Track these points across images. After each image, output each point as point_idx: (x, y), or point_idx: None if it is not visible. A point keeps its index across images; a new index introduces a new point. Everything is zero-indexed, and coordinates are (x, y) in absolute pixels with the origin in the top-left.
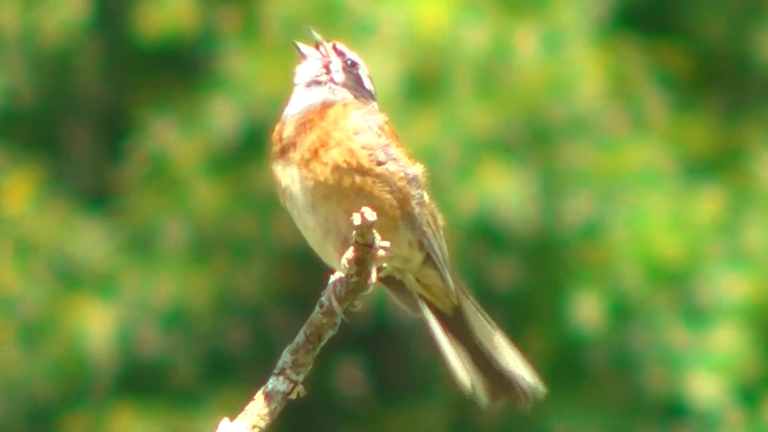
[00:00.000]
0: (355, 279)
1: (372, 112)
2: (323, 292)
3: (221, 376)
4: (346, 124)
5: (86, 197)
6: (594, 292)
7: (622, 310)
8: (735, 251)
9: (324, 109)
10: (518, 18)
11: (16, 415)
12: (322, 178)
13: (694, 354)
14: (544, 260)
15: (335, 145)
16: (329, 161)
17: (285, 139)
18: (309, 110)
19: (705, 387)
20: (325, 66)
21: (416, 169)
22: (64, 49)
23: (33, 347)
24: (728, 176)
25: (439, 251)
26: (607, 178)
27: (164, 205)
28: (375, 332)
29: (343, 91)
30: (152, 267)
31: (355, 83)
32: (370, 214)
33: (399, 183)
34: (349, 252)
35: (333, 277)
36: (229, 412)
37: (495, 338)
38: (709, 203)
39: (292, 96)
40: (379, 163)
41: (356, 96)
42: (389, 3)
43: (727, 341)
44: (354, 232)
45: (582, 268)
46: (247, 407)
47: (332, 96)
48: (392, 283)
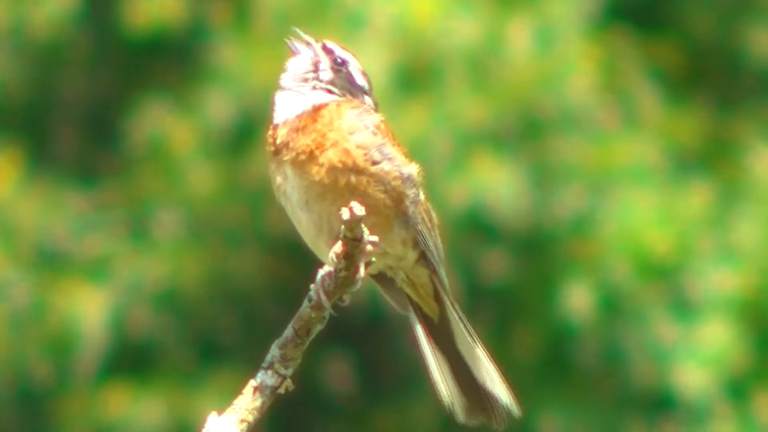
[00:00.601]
0: (343, 273)
1: (367, 111)
2: (312, 285)
3: (214, 359)
4: (341, 125)
5: (76, 180)
6: (584, 285)
7: (611, 303)
8: (724, 246)
9: (316, 110)
10: (510, 11)
11: (8, 398)
12: (317, 178)
13: (682, 348)
14: (535, 253)
15: (331, 146)
16: (325, 162)
17: (279, 140)
18: (301, 115)
19: (694, 381)
20: (314, 64)
21: (411, 168)
22: (53, 42)
23: (24, 330)
24: (718, 171)
25: (434, 249)
26: (598, 171)
27: (158, 189)
28: (365, 328)
29: (329, 88)
30: (145, 250)
31: (345, 81)
32: (358, 208)
33: (394, 182)
34: (338, 246)
35: (322, 271)
36: (221, 394)
37: (475, 351)
38: (699, 198)
39: (278, 97)
40: (374, 163)
41: (344, 94)
42: None
43: (716, 335)
44: (342, 226)
45: (572, 262)
46: (235, 401)
47: (319, 96)
48: (382, 279)
